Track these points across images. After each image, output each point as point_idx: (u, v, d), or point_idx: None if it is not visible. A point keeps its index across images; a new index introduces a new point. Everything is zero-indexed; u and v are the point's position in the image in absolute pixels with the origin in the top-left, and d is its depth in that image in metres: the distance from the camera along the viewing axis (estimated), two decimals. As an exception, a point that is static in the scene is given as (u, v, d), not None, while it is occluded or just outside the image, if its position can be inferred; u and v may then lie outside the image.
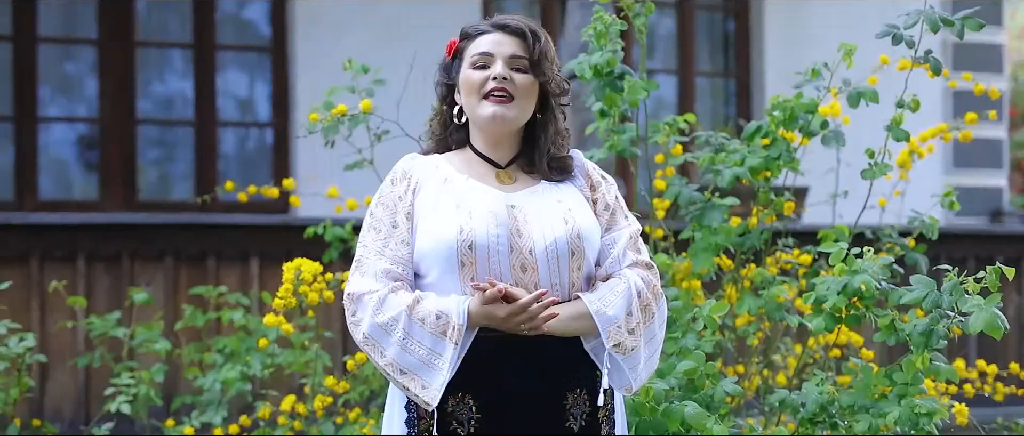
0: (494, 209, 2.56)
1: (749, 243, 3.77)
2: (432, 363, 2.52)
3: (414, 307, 2.53)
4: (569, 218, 2.59)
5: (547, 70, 2.66)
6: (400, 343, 2.52)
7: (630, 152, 3.73)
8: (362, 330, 2.55)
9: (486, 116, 2.61)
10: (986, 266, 2.91)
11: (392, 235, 2.60)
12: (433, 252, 2.55)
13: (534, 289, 2.54)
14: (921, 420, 3.15)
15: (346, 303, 2.59)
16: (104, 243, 5.56)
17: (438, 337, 2.51)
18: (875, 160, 3.62)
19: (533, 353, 2.56)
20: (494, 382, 2.56)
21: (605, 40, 3.54)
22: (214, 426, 4.25)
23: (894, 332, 3.24)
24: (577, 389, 2.60)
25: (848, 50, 3.57)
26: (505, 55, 2.63)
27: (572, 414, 2.60)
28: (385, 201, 2.64)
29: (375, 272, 2.57)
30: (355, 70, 4.04)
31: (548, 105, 2.69)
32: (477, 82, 2.62)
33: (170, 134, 7.84)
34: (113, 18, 7.43)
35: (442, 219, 2.56)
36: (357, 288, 2.58)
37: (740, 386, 3.23)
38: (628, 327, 2.58)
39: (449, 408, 2.56)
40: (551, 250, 2.55)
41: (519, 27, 2.65)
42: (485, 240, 2.52)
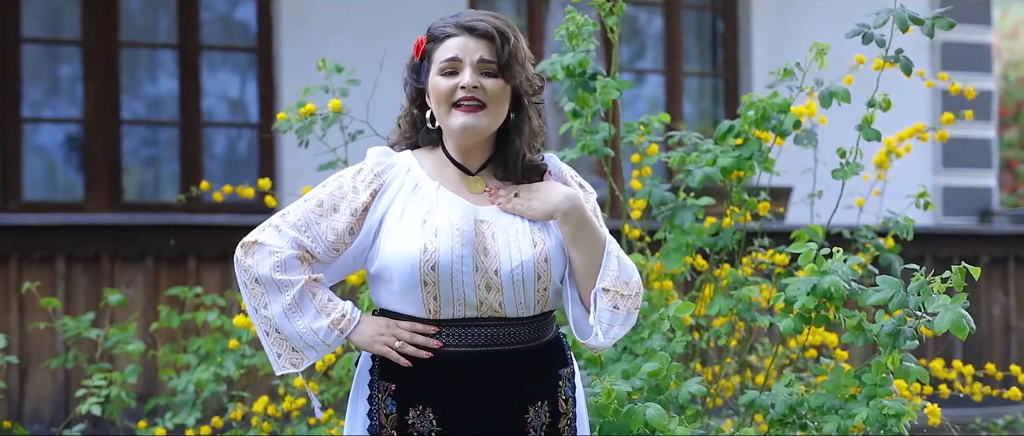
0: (461, 227, 2.52)
1: (721, 243, 3.76)
2: (311, 342, 2.56)
3: (311, 283, 2.56)
4: (538, 239, 2.55)
5: (517, 72, 2.58)
6: (286, 307, 2.55)
7: (602, 152, 3.71)
8: (255, 273, 2.56)
9: (457, 127, 2.55)
10: (971, 266, 2.90)
11: (328, 218, 2.57)
12: (398, 267, 2.51)
13: (499, 307, 2.52)
14: (889, 421, 3.14)
15: (245, 246, 2.58)
16: (83, 244, 5.55)
17: (322, 317, 2.55)
18: (847, 160, 3.61)
19: (495, 368, 2.54)
20: (455, 395, 2.54)
21: (577, 40, 3.52)
22: (187, 427, 4.23)
23: (862, 333, 3.24)
24: (539, 402, 2.58)
25: (820, 50, 3.55)
26: (473, 61, 2.54)
27: (533, 426, 2.58)
28: (342, 183, 2.60)
29: (290, 239, 2.57)
30: (329, 70, 4.02)
31: (521, 105, 2.62)
32: (446, 91, 2.55)
33: (156, 135, 7.82)
34: (98, 18, 7.42)
35: (407, 234, 2.52)
36: (264, 239, 2.58)
37: (704, 387, 3.21)
38: (620, 290, 2.56)
39: (409, 419, 2.54)
40: (517, 272, 2.51)
41: (487, 29, 2.55)
42: (449, 260, 2.49)
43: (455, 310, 2.52)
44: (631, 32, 9.06)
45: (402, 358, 2.52)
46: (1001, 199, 11.08)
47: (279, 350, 2.60)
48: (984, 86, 9.14)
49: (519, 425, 2.56)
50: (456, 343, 2.53)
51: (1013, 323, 7.08)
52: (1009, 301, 7.10)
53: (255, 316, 2.60)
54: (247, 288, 2.59)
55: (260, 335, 2.63)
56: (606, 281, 2.54)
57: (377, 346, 2.55)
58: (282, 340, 2.58)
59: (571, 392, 2.65)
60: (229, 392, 4.26)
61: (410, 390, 2.54)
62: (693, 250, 3.80)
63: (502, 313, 2.53)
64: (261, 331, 2.61)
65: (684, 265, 3.79)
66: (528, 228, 2.56)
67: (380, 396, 2.57)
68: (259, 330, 2.62)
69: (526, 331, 2.57)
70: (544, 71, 3.54)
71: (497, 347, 2.54)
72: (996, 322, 7.05)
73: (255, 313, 2.59)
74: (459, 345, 2.53)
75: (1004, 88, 11.83)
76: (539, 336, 2.59)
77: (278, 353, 2.60)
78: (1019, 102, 11.81)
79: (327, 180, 2.63)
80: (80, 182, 7.55)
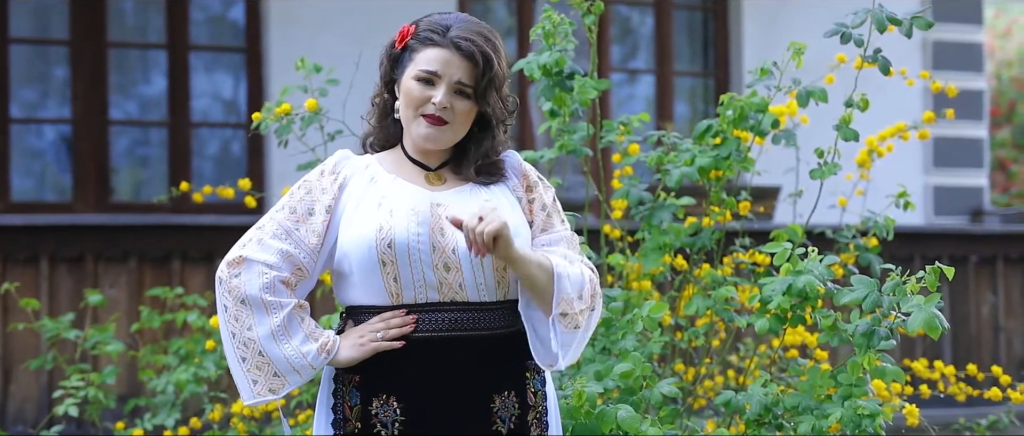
0: (416, 207, 2.54)
1: (700, 243, 3.75)
2: (298, 365, 2.53)
3: (298, 307, 2.55)
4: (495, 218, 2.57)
5: (492, 100, 2.60)
6: (274, 329, 2.52)
7: (580, 152, 3.71)
8: (242, 293, 2.52)
9: (419, 136, 2.58)
10: (959, 265, 2.90)
11: (305, 222, 2.58)
12: (354, 250, 2.53)
13: (459, 289, 2.53)
14: (864, 421, 3.13)
15: (231, 264, 2.55)
16: (67, 245, 5.54)
17: (311, 341, 2.53)
18: (825, 160, 3.60)
19: (459, 354, 2.54)
20: (419, 384, 2.53)
21: (554, 39, 3.51)
22: (166, 428, 4.22)
23: (837, 333, 3.23)
24: (505, 391, 2.57)
25: (798, 50, 3.55)
26: (452, 79, 2.55)
27: (500, 417, 2.57)
28: (310, 187, 2.61)
29: (276, 250, 2.55)
30: (308, 70, 4.02)
31: (488, 125, 2.65)
32: (417, 99, 2.56)
33: (144, 135, 7.81)
34: (86, 19, 7.41)
35: (363, 217, 2.55)
36: (252, 254, 2.55)
37: (677, 388, 3.20)
38: (575, 306, 2.55)
39: (373, 410, 2.54)
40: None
41: (471, 51, 2.55)
42: (405, 238, 2.50)
43: (417, 293, 2.52)
44: (624, 32, 9.05)
45: (395, 343, 2.51)
46: (993, 199, 11.07)
47: (257, 376, 2.54)
48: (975, 85, 9.13)
49: (485, 414, 2.55)
50: (419, 328, 2.53)
51: (1002, 323, 7.07)
52: (998, 301, 7.09)
53: (232, 341, 2.54)
54: (228, 310, 2.54)
55: (234, 361, 2.56)
56: (562, 306, 2.53)
57: (362, 349, 2.53)
58: (265, 364, 2.53)
59: (541, 385, 2.65)
60: (210, 393, 4.25)
61: (374, 380, 2.54)
62: (672, 250, 3.80)
63: (464, 296, 2.53)
64: (237, 357, 2.54)
65: (663, 265, 3.78)
66: (486, 208, 2.54)
67: (344, 388, 2.57)
68: (234, 356, 2.55)
69: (491, 318, 2.57)
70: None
71: (461, 332, 2.54)
72: (985, 322, 7.05)
73: (232, 338, 2.54)
74: (423, 330, 2.53)
75: (997, 88, 11.82)
76: (505, 325, 2.59)
77: (255, 379, 2.54)
78: (1012, 101, 11.80)
79: (293, 188, 2.64)
80: (69, 183, 7.54)
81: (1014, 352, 7.08)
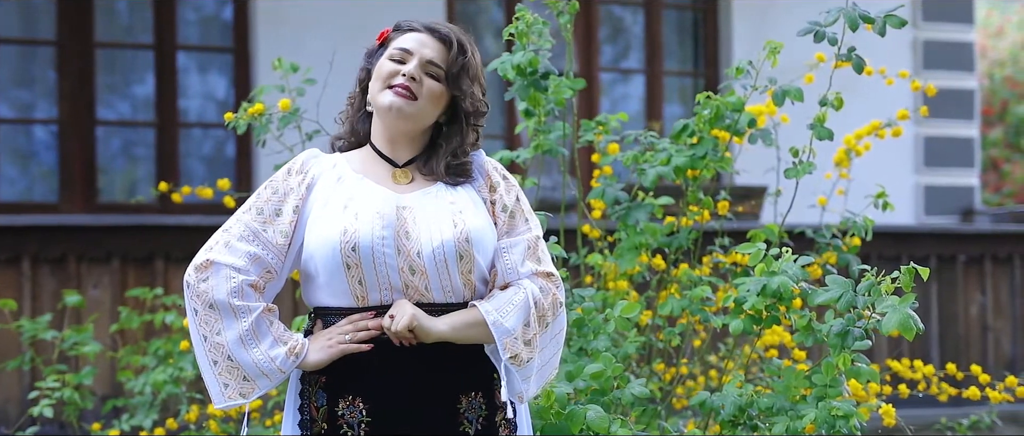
0: (382, 210, 2.53)
1: (676, 243, 3.74)
2: (266, 370, 2.51)
3: (266, 311, 2.54)
4: (458, 221, 2.55)
5: (464, 86, 2.62)
6: (243, 334, 2.50)
7: (556, 151, 3.69)
8: (210, 297, 2.51)
9: (383, 104, 2.58)
10: (947, 265, 2.88)
11: (273, 223, 2.57)
12: (321, 254, 2.52)
13: (425, 291, 2.52)
14: (838, 422, 3.12)
15: (198, 268, 2.53)
16: (50, 245, 5.52)
17: (280, 344, 2.51)
18: (800, 159, 3.59)
19: (425, 355, 2.53)
20: (385, 385, 2.53)
21: (527, 39, 3.50)
22: (144, 429, 4.21)
23: (812, 333, 3.22)
24: (472, 392, 2.57)
25: (773, 48, 3.54)
26: (423, 57, 2.59)
27: (467, 418, 2.56)
28: (277, 187, 2.61)
29: (244, 252, 2.54)
30: (284, 69, 4.01)
31: (457, 118, 2.65)
32: (387, 73, 2.59)
33: (132, 136, 7.80)
34: (73, 18, 7.39)
35: (328, 220, 2.54)
36: (219, 258, 2.53)
37: (647, 389, 3.18)
38: (525, 339, 2.55)
39: (340, 411, 2.53)
40: (438, 253, 2.51)
41: (447, 34, 2.62)
42: (369, 241, 2.49)
43: (382, 295, 2.52)
44: (616, 32, 9.04)
45: (362, 346, 2.50)
46: (986, 198, 11.05)
47: (227, 380, 2.53)
48: (966, 85, 9.12)
49: (452, 415, 2.55)
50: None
51: (990, 323, 7.06)
52: (986, 300, 7.07)
53: (202, 344, 2.53)
54: (198, 314, 2.53)
55: (205, 366, 2.55)
56: (508, 351, 2.53)
57: (330, 352, 2.52)
58: (234, 368, 2.52)
59: None
60: (187, 393, 4.23)
61: (340, 381, 2.53)
62: (649, 250, 3.78)
63: (430, 297, 2.53)
64: (207, 361, 2.53)
65: (640, 265, 3.77)
66: (449, 211, 2.56)
67: (311, 389, 2.56)
68: (204, 360, 2.54)
69: None
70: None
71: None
72: (973, 322, 7.03)
73: (203, 341, 2.53)
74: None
75: (990, 87, 11.81)
76: None
77: (226, 383, 2.53)
78: (1005, 101, 11.79)
79: (259, 189, 2.63)
80: (56, 183, 7.52)
81: (1002, 352, 7.07)
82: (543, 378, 2.61)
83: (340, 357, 2.52)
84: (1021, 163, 11.49)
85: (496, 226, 2.62)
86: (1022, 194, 11.35)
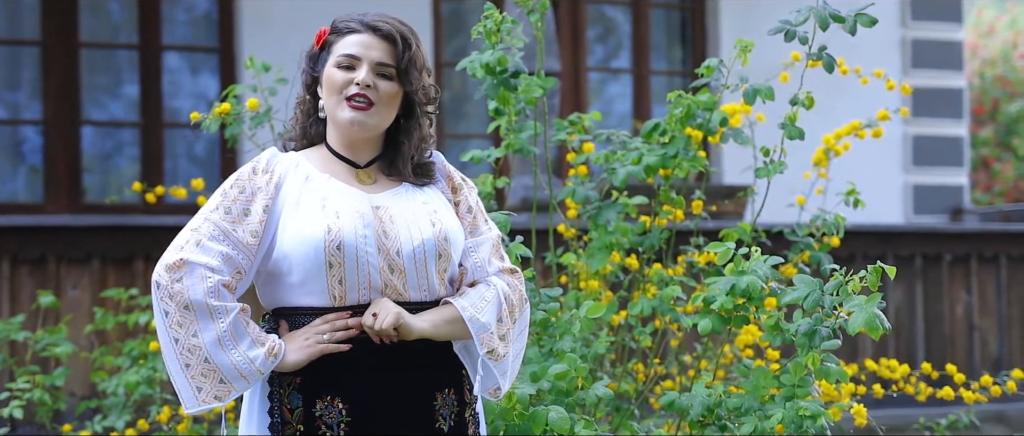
0: (360, 209, 2.51)
1: (648, 243, 3.73)
2: (245, 372, 2.46)
3: (242, 312, 2.49)
4: (436, 220, 2.55)
5: (414, 79, 2.59)
6: (221, 335, 2.44)
7: (528, 151, 3.68)
8: (186, 298, 2.43)
9: (345, 120, 2.56)
10: (933, 264, 2.87)
11: (242, 223, 2.50)
12: (300, 252, 2.48)
13: (403, 290, 2.51)
14: (805, 422, 3.10)
15: (171, 268, 2.45)
16: (29, 246, 5.51)
17: (258, 346, 2.47)
18: (770, 158, 3.57)
19: (402, 354, 2.52)
20: (363, 383, 2.51)
21: (496, 38, 3.48)
22: (116, 430, 4.20)
23: (780, 333, 3.21)
24: (446, 389, 2.57)
25: (744, 47, 3.53)
26: (372, 61, 2.56)
27: (441, 414, 2.57)
28: (244, 186, 2.54)
29: (217, 252, 2.47)
30: (257, 68, 4.00)
31: (413, 112, 2.63)
32: (339, 83, 2.56)
33: (116, 136, 7.78)
34: (57, 19, 7.38)
35: (308, 218, 2.50)
36: (193, 257, 2.45)
37: (610, 390, 3.17)
38: (499, 333, 2.56)
39: (317, 412, 2.50)
40: (419, 252, 2.51)
41: (390, 32, 2.57)
42: (353, 240, 2.47)
43: (361, 295, 2.49)
44: (607, 31, 9.03)
45: (342, 346, 2.48)
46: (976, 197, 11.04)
47: (202, 383, 2.45)
48: (955, 84, 9.11)
49: (428, 412, 2.54)
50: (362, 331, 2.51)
51: (976, 322, 7.04)
52: (972, 300, 7.06)
53: (174, 347, 2.45)
54: (169, 316, 2.44)
55: (176, 369, 2.47)
56: (486, 346, 2.55)
57: (308, 351, 2.49)
58: (210, 371, 2.44)
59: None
60: (161, 394, 4.22)
61: (317, 382, 2.50)
62: (622, 249, 3.77)
63: (406, 296, 2.52)
64: (179, 364, 2.45)
65: (611, 264, 3.76)
66: (425, 210, 2.56)
67: (283, 391, 2.52)
68: (175, 364, 2.46)
69: None
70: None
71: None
72: (959, 321, 7.02)
73: (175, 343, 2.44)
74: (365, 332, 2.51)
75: (980, 86, 11.80)
76: None
77: (199, 386, 2.45)
78: (995, 100, 11.78)
79: (224, 187, 2.56)
80: (40, 183, 7.50)
81: (988, 351, 7.05)
82: (515, 373, 2.64)
83: (317, 357, 2.49)
84: (1012, 162, 11.48)
85: (462, 226, 2.63)
86: (1012, 193, 11.34)
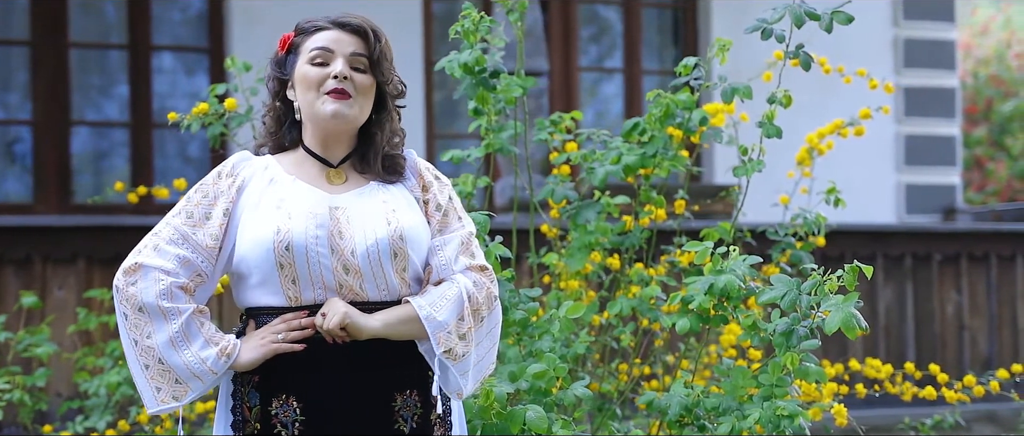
0: (315, 210, 2.52)
1: (628, 242, 3.72)
2: (198, 371, 2.50)
3: (197, 313, 2.52)
4: (392, 219, 2.55)
5: (386, 71, 2.62)
6: (173, 336, 2.49)
7: (508, 150, 3.67)
8: (139, 301, 2.49)
9: (327, 113, 2.56)
10: (923, 263, 2.85)
11: (202, 226, 2.55)
12: (253, 254, 2.50)
13: (360, 290, 2.51)
14: (783, 422, 3.09)
15: (127, 272, 2.52)
16: (15, 246, 5.50)
17: (211, 346, 2.50)
18: (748, 157, 3.56)
19: (359, 353, 2.51)
20: (319, 383, 2.51)
21: (474, 37, 3.47)
22: (97, 431, 4.19)
23: (757, 332, 3.20)
24: (407, 390, 2.55)
25: (722, 46, 3.52)
26: (346, 53, 2.58)
27: (401, 415, 2.55)
28: (207, 191, 2.59)
29: (173, 255, 2.52)
30: (238, 68, 3.99)
31: (384, 106, 2.65)
32: (316, 79, 2.57)
33: (106, 136, 7.77)
34: (46, 19, 7.36)
35: (261, 220, 2.52)
36: (146, 261, 2.52)
37: (589, 390, 3.16)
38: (459, 332, 2.54)
39: (273, 410, 2.52)
40: (372, 251, 2.51)
41: (360, 26, 2.61)
42: (303, 240, 2.48)
43: (316, 294, 2.51)
44: (602, 31, 9.02)
45: (295, 346, 2.49)
46: (970, 197, 11.03)
47: (160, 383, 2.52)
48: (948, 83, 9.10)
49: (386, 413, 2.53)
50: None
51: (966, 322, 7.03)
52: (963, 299, 7.05)
53: (133, 349, 2.52)
54: (127, 318, 2.52)
55: (136, 370, 2.53)
56: (442, 345, 2.53)
57: (262, 351, 2.51)
58: (165, 372, 2.51)
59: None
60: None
61: (273, 381, 2.52)
62: (603, 249, 3.76)
63: (364, 296, 2.52)
64: (139, 365, 2.52)
65: (592, 264, 3.75)
66: (383, 210, 2.56)
67: (244, 389, 2.56)
68: (136, 365, 2.53)
69: None
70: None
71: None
72: (949, 320, 7.01)
73: (134, 345, 2.51)
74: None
75: (974, 85, 11.79)
76: None
77: (158, 387, 2.52)
78: (989, 99, 11.76)
79: (188, 193, 2.62)
80: (30, 184, 7.49)
81: (978, 351, 7.04)
82: (480, 374, 2.60)
83: (273, 356, 2.50)
84: (1005, 162, 11.47)
85: (430, 225, 2.62)
86: (1006, 193, 11.33)
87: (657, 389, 4.40)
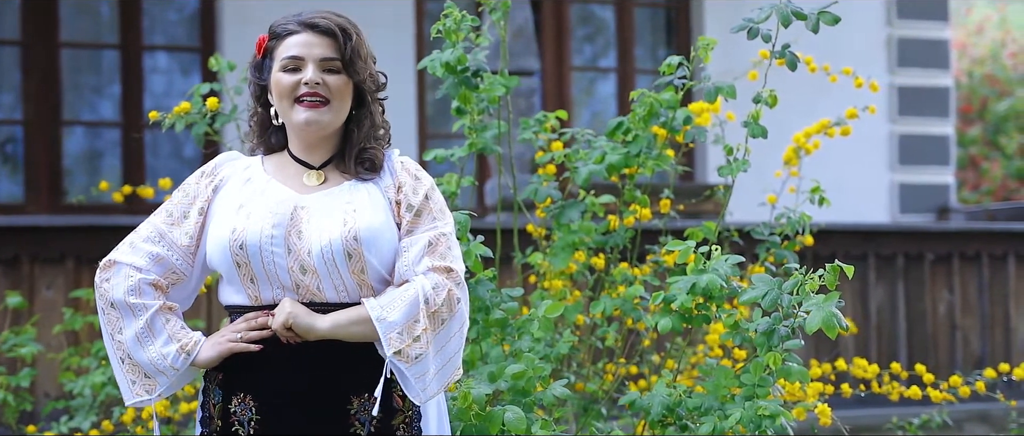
0: (276, 209, 2.53)
1: (612, 242, 3.71)
2: (161, 367, 2.54)
3: (164, 309, 2.55)
4: (350, 219, 2.52)
5: (360, 69, 2.60)
6: (138, 332, 2.53)
7: (491, 150, 3.66)
8: (110, 297, 2.55)
9: (300, 121, 2.57)
10: (915, 263, 2.84)
11: (179, 224, 2.60)
12: (214, 252, 2.55)
13: (317, 291, 2.50)
14: (764, 422, 3.08)
15: (102, 266, 2.59)
16: (3, 246, 5.49)
17: (173, 342, 2.54)
18: (733, 157, 3.55)
19: (314, 354, 2.51)
20: (275, 383, 2.52)
21: (458, 36, 3.46)
22: (81, 431, 4.18)
23: (738, 332, 3.19)
24: (364, 393, 2.53)
25: (705, 45, 3.51)
26: (316, 58, 2.57)
27: (358, 419, 2.52)
28: (188, 190, 2.65)
29: (146, 252, 2.57)
30: (222, 67, 3.98)
31: (363, 101, 2.64)
32: (288, 86, 2.57)
33: (98, 136, 7.76)
34: (37, 19, 7.36)
35: (223, 219, 2.56)
36: (121, 257, 2.58)
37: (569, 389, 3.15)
38: (413, 334, 2.48)
39: (232, 408, 2.55)
40: (326, 252, 2.49)
41: (329, 26, 2.58)
42: (257, 240, 2.49)
43: (275, 293, 2.52)
44: (596, 31, 9.01)
45: (251, 345, 2.51)
46: (964, 196, 11.02)
47: (133, 377, 2.58)
48: (942, 82, 9.09)
49: (342, 416, 2.52)
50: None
51: (958, 321, 7.02)
52: (955, 299, 7.04)
53: (111, 342, 2.59)
54: (104, 314, 2.58)
55: (115, 363, 2.60)
56: (392, 346, 2.47)
57: (219, 349, 2.54)
58: (135, 366, 2.56)
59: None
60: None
61: (234, 379, 2.55)
62: (587, 249, 3.75)
63: (322, 297, 2.51)
64: (115, 358, 2.59)
65: (576, 264, 3.74)
66: (342, 209, 2.54)
67: (211, 386, 2.59)
68: (114, 358, 2.59)
69: None
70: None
71: None
72: (941, 320, 7.00)
73: (111, 339, 2.58)
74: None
75: (969, 85, 11.78)
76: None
77: (132, 380, 2.58)
78: (984, 99, 11.76)
79: (175, 192, 2.66)
80: (21, 184, 7.48)
81: (971, 350, 7.03)
82: (445, 377, 2.54)
83: (232, 355, 2.53)
84: (1000, 161, 11.46)
85: (400, 226, 2.58)
86: (1000, 192, 11.33)
87: (643, 389, 4.39)
